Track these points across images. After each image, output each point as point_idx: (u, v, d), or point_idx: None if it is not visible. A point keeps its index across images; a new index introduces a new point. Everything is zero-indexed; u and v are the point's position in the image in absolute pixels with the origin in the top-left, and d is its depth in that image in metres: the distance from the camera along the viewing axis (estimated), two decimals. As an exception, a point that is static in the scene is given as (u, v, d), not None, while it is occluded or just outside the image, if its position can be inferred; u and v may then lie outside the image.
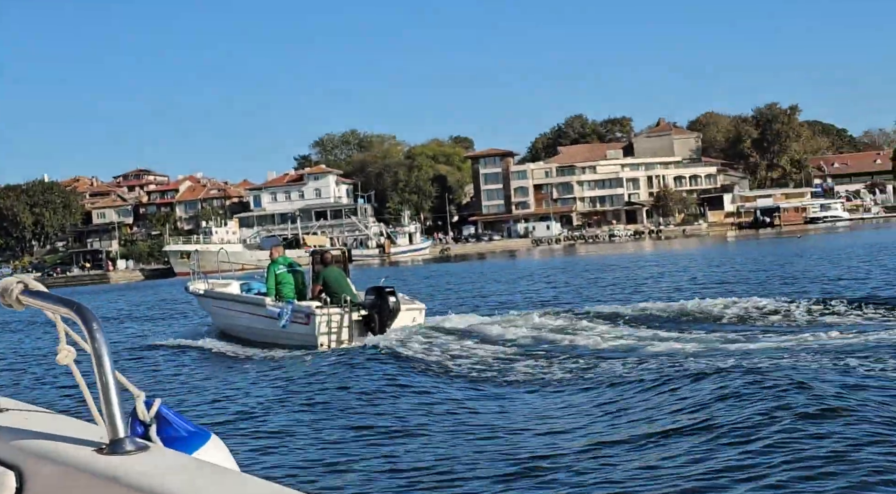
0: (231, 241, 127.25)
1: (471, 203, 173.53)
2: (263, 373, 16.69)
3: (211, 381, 16.24)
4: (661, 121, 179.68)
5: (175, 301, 46.68)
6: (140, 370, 18.32)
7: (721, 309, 20.15)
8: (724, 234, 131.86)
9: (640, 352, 15.26)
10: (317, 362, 17.21)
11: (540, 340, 17.87)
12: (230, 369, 17.88)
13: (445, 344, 17.95)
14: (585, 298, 29.19)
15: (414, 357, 16.62)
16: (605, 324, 19.32)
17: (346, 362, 16.57)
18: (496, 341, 18.04)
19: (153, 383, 16.25)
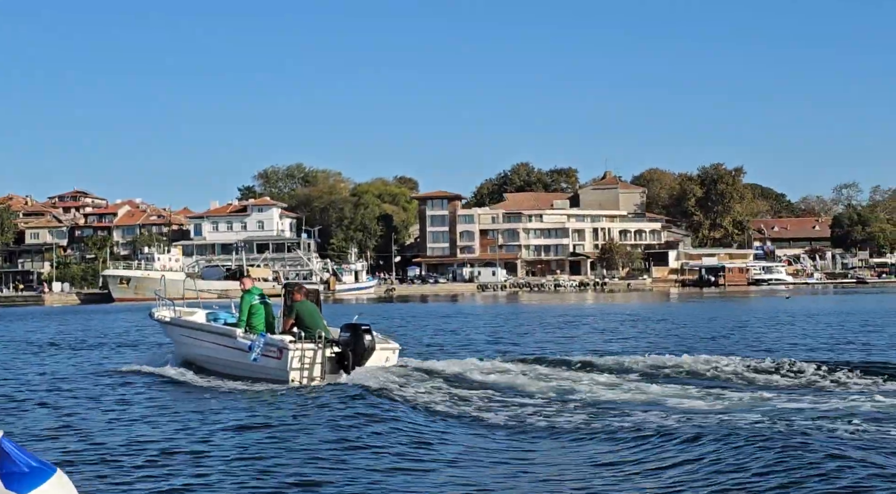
0: (173, 269, 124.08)
1: (415, 244, 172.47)
2: (222, 409, 15.91)
3: (165, 411, 15.73)
4: (607, 174, 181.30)
5: (126, 328, 44.45)
6: (84, 395, 17.96)
7: (725, 368, 19.28)
8: (668, 291, 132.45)
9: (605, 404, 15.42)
10: (285, 399, 16.74)
11: (512, 385, 17.60)
12: (188, 400, 17.26)
13: (418, 385, 17.59)
14: (563, 346, 28.92)
15: (388, 398, 16.16)
16: (581, 373, 19.07)
17: (316, 402, 16.13)
18: (471, 384, 17.83)
19: (93, 409, 16.07)
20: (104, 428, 14.13)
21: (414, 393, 16.67)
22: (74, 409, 16.32)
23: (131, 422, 14.67)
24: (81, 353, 29.71)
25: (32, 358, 28.22)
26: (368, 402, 15.64)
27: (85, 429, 14.04)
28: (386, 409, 15.00)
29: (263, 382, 18.54)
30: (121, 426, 14.34)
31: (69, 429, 14.09)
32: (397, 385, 17.51)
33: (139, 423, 14.59)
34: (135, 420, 14.94)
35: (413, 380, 18.24)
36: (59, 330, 44.32)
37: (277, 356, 18.90)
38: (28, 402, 17.43)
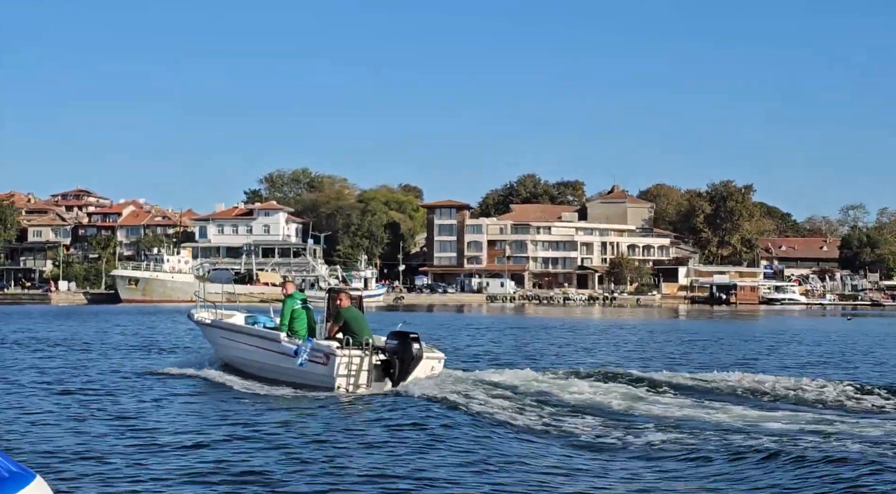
0: (183, 271, 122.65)
1: (420, 253, 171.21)
2: (269, 411, 15.77)
3: (211, 416, 15.33)
4: (615, 188, 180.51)
5: (151, 330, 43.02)
6: (128, 398, 17.63)
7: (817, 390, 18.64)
8: (676, 307, 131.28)
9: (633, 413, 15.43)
10: (356, 408, 16.34)
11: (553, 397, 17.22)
12: (236, 403, 16.84)
13: (473, 396, 17.03)
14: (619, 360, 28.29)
15: (450, 408, 15.73)
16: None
17: (371, 409, 15.89)
18: (545, 397, 17.28)
19: (140, 412, 15.67)
20: (157, 429, 13.94)
21: (484, 404, 16.25)
22: (127, 411, 15.83)
23: (183, 427, 14.25)
24: (117, 356, 28.68)
25: (75, 360, 26.91)
26: (442, 413, 15.26)
27: (140, 431, 13.78)
28: (464, 421, 14.57)
29: (308, 388, 18.21)
30: (175, 430, 13.96)
31: (118, 433, 13.62)
32: (461, 395, 17.04)
33: (189, 429, 14.06)
34: (185, 424, 14.45)
35: (472, 390, 17.76)
36: (82, 332, 42.79)
37: (324, 362, 18.52)
38: (86, 404, 16.81)
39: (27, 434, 13.47)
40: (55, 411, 15.90)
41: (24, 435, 13.30)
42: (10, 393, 18.23)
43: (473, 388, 17.93)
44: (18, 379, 20.86)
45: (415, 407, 15.95)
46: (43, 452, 11.79)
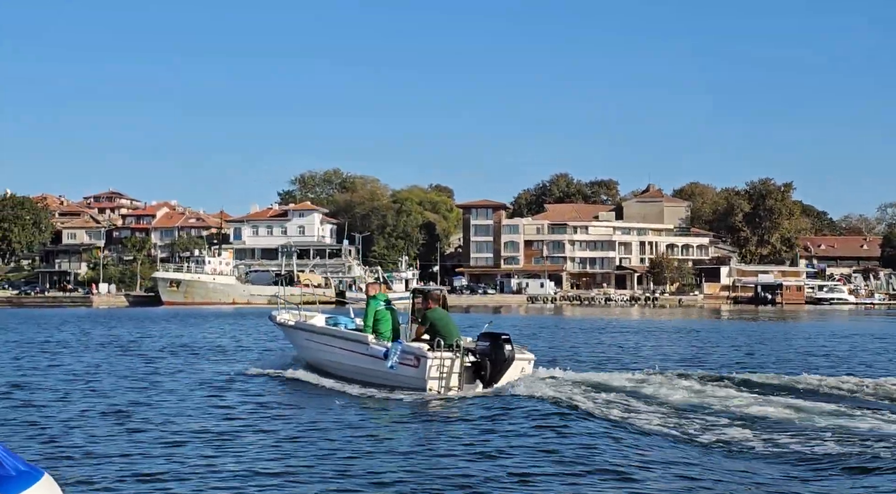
0: (224, 273, 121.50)
1: (456, 253, 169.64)
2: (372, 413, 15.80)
3: (309, 418, 15.26)
4: (650, 187, 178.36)
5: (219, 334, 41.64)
6: (227, 399, 17.63)
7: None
8: (718, 308, 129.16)
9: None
10: (472, 410, 15.88)
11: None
12: (337, 406, 16.73)
13: (588, 397, 16.63)
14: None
15: (584, 411, 15.15)
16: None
17: (482, 414, 15.45)
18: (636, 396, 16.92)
19: (247, 413, 15.68)
20: (257, 430, 13.90)
21: (596, 404, 15.92)
22: (228, 413, 15.77)
23: (283, 428, 14.19)
24: (197, 359, 28.24)
25: (161, 365, 26.19)
26: (562, 415, 14.84)
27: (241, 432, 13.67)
28: (592, 427, 13.99)
29: (398, 390, 18.01)
30: (274, 430, 13.92)
31: (223, 435, 13.47)
32: (566, 396, 16.63)
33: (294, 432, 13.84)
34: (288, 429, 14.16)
35: (577, 392, 17.38)
36: (158, 335, 41.46)
37: (415, 364, 18.36)
38: (183, 409, 16.51)
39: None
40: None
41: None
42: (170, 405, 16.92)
43: (578, 390, 17.58)
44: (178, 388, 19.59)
45: (534, 407, 15.71)
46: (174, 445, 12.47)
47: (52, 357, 28.76)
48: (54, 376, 22.34)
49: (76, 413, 15.68)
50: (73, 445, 12.63)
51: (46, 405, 16.82)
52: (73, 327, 50.26)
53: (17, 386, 19.99)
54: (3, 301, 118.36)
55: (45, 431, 13.85)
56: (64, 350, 32.12)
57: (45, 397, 18.04)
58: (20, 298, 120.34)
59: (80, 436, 13.30)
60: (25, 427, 14.23)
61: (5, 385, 20.09)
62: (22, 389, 19.42)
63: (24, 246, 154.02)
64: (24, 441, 12.90)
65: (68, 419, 15.01)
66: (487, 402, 16.53)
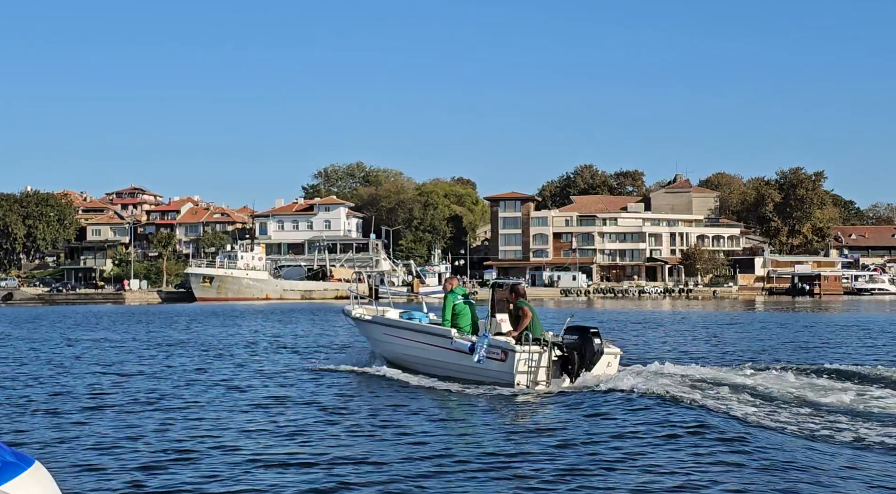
0: (256, 268, 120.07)
1: (482, 246, 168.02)
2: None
3: (403, 413, 15.07)
4: (678, 177, 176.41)
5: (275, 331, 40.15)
6: (314, 396, 17.42)
7: None
8: (753, 299, 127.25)
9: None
10: (610, 408, 15.17)
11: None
12: (427, 401, 16.54)
13: (687, 392, 16.10)
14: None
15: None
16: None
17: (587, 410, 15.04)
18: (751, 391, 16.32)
19: (337, 410, 15.44)
20: (346, 426, 13.74)
21: (718, 400, 15.37)
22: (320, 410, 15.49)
23: (376, 422, 14.07)
24: (275, 356, 27.84)
25: (246, 361, 25.86)
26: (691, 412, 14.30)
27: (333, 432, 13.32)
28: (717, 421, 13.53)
29: (483, 385, 17.85)
30: (366, 425, 13.84)
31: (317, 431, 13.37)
32: (680, 390, 16.20)
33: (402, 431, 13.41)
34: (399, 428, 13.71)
35: (680, 386, 16.96)
36: (227, 332, 39.93)
37: (502, 358, 18.00)
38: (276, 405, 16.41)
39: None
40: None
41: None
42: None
43: (677, 383, 17.15)
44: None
45: (637, 402, 15.40)
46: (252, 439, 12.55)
47: (190, 356, 27.27)
48: (243, 378, 21.03)
49: (224, 410, 15.87)
50: (208, 437, 12.90)
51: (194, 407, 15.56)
52: (148, 326, 48.66)
53: (235, 387, 19.26)
54: (35, 298, 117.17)
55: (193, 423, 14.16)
56: (186, 349, 30.63)
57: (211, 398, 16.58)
58: (51, 295, 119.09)
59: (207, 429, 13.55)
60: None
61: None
62: (242, 391, 18.62)
63: (48, 242, 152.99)
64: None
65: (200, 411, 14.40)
66: (595, 397, 16.30)
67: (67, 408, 16.02)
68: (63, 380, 20.72)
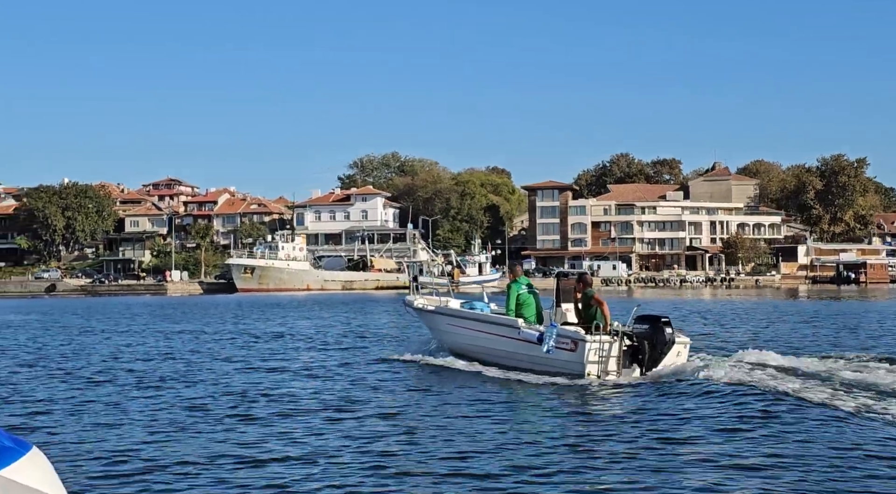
0: (297, 258, 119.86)
1: (519, 236, 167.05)
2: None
3: (483, 406, 14.66)
4: (716, 165, 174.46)
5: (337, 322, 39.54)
6: (379, 386, 17.31)
7: None
8: (796, 287, 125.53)
9: None
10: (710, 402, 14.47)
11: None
12: (507, 393, 16.36)
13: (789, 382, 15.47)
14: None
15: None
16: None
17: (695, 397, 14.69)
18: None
19: (404, 400, 15.35)
20: (417, 418, 13.53)
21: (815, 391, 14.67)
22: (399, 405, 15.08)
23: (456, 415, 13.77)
24: (338, 348, 27.35)
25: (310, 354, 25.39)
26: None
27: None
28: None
29: (553, 375, 17.61)
30: (444, 417, 13.60)
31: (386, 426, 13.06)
32: (769, 382, 15.53)
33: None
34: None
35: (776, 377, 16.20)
36: (296, 324, 39.42)
37: (572, 348, 17.76)
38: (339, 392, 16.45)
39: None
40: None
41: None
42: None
43: (753, 372, 16.68)
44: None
45: (728, 393, 14.88)
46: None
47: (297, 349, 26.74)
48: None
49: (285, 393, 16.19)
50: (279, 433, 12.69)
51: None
52: (223, 317, 48.20)
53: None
54: (78, 289, 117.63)
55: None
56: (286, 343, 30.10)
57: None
58: (94, 286, 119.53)
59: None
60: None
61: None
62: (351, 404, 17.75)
63: (87, 234, 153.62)
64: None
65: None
66: (669, 387, 16.03)
67: (294, 410, 14.60)
68: (230, 380, 18.80)
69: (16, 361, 24.09)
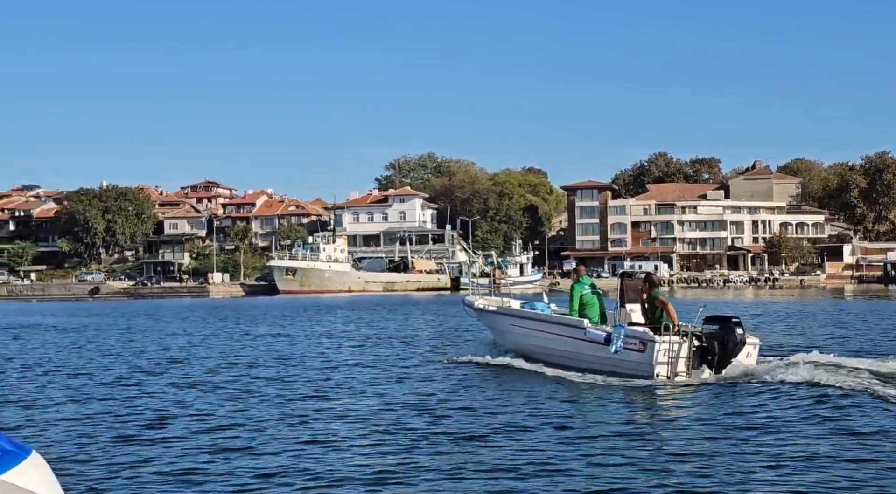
0: (339, 260, 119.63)
1: (558, 236, 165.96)
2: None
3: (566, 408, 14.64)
4: (757, 163, 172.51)
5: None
6: (447, 388, 17.25)
7: None
8: (842, 287, 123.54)
9: None
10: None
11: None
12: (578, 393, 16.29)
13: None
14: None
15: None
16: None
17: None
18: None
19: (472, 402, 15.21)
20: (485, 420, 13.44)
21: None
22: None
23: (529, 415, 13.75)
24: (414, 347, 27.73)
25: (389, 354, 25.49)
26: None
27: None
28: None
29: (621, 376, 17.43)
30: (515, 417, 13.55)
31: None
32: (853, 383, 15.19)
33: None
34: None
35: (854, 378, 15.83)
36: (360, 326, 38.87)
37: (640, 349, 17.59)
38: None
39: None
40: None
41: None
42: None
43: (824, 373, 16.29)
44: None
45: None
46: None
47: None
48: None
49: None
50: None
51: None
52: (288, 319, 47.78)
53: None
54: (121, 292, 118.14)
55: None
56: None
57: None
58: (137, 289, 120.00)
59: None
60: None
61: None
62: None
63: (127, 237, 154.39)
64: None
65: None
66: (742, 388, 15.87)
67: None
68: (387, 389, 17.78)
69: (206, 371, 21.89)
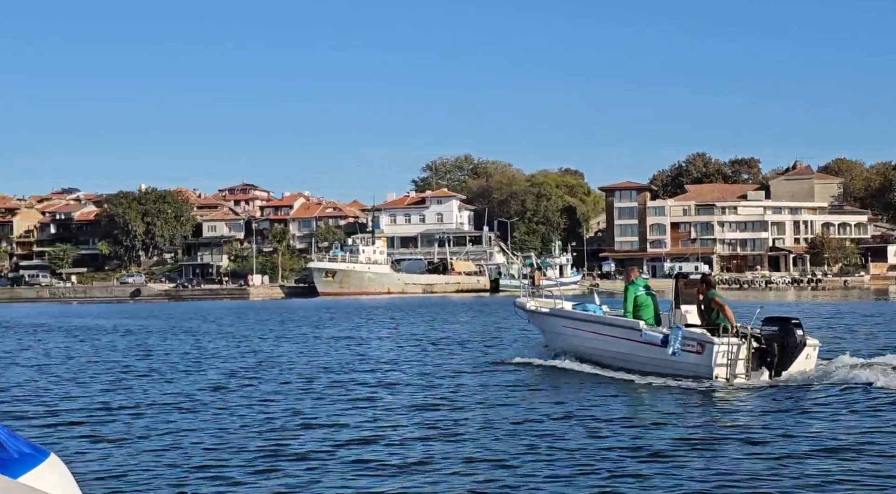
0: (378, 262, 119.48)
1: (596, 237, 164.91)
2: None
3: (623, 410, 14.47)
4: (797, 163, 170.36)
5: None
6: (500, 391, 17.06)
7: None
8: (886, 288, 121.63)
9: None
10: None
11: None
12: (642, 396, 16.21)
13: None
14: None
15: None
16: None
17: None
18: None
19: (529, 405, 15.03)
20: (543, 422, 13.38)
21: None
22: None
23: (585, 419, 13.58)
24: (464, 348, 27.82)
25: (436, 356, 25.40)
26: None
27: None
28: None
29: (678, 378, 17.24)
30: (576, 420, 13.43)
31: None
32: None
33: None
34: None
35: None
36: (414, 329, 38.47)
37: (698, 350, 17.39)
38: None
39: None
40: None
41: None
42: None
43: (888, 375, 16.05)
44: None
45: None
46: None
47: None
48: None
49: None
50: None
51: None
52: (351, 322, 47.59)
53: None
54: (162, 294, 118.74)
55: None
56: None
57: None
58: (177, 291, 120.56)
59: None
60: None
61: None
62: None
63: (166, 239, 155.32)
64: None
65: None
66: (806, 391, 15.70)
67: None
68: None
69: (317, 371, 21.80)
